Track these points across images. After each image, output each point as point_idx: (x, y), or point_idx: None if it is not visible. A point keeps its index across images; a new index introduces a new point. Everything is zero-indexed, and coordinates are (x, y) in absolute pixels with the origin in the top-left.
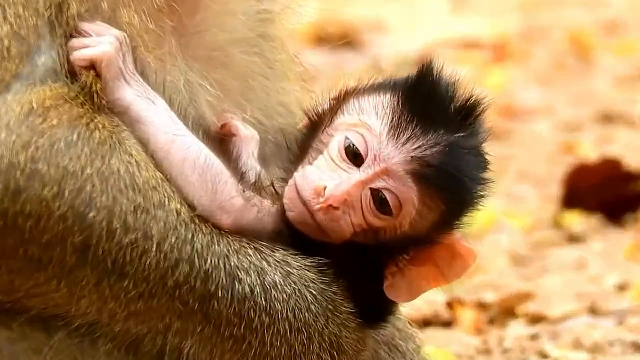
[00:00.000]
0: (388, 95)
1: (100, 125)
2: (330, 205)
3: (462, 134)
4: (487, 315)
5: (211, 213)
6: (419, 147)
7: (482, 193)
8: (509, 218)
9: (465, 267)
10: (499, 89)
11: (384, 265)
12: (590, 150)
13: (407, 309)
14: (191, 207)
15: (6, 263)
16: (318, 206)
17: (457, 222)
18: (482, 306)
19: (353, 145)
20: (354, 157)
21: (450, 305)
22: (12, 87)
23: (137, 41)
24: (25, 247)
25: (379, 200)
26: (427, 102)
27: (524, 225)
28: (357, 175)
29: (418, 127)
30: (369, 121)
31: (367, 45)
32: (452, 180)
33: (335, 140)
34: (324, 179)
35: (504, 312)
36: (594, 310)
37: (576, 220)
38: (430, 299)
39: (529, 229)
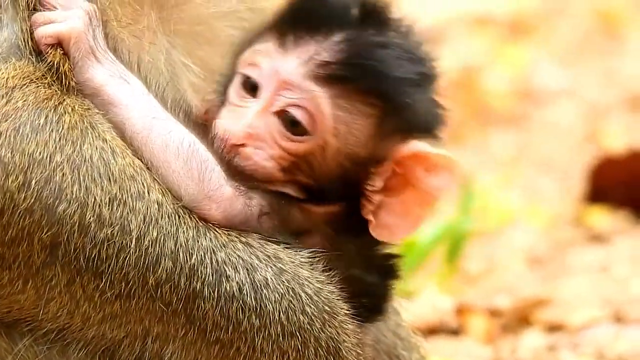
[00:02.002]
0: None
1: (69, 109)
2: (234, 144)
3: (369, 31)
4: (500, 323)
5: (199, 204)
6: (312, 46)
7: (421, 87)
8: (526, 214)
9: (450, 176)
10: (517, 69)
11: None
12: (617, 139)
13: (411, 316)
14: (176, 198)
15: None
16: (226, 150)
17: (406, 127)
18: (494, 313)
19: (247, 77)
20: (253, 89)
21: (458, 311)
22: None
23: (109, 15)
24: None
25: (288, 120)
26: (317, 4)
27: (542, 222)
28: (255, 104)
29: (308, 28)
30: (258, 46)
31: None
32: (362, 70)
33: (233, 85)
34: (226, 123)
35: (519, 319)
36: (619, 318)
37: (601, 217)
38: (437, 305)
39: (548, 226)
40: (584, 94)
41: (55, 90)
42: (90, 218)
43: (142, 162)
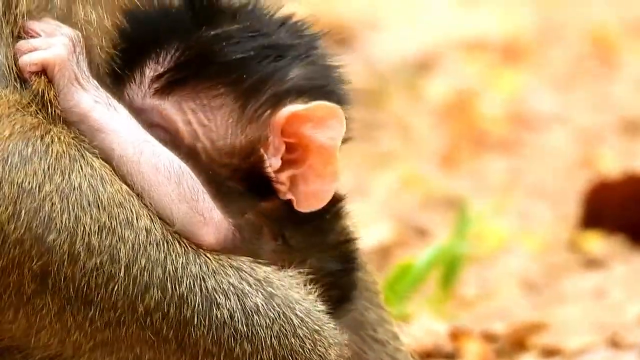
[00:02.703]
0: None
1: (56, 137)
2: None
3: (199, 31)
4: (495, 348)
5: (192, 227)
6: (145, 68)
7: (275, 57)
8: (520, 239)
9: (338, 122)
10: (510, 94)
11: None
12: (612, 164)
13: (405, 339)
14: (168, 223)
15: None
16: None
17: (272, 100)
18: (489, 337)
19: None
20: None
21: (453, 336)
22: None
23: (93, 41)
24: None
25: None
26: (136, 33)
27: (536, 247)
28: None
29: (138, 56)
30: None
31: (361, 44)
32: (192, 68)
33: None
34: None
35: (514, 344)
36: (614, 343)
37: (595, 242)
38: (431, 330)
39: (542, 251)
40: (578, 119)
41: (42, 119)
42: (79, 247)
43: (131, 187)
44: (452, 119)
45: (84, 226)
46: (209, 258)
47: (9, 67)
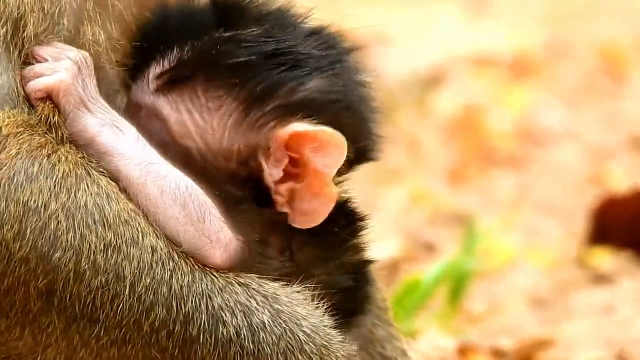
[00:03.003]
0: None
1: (63, 157)
2: None
3: (213, 33)
4: None
5: (200, 249)
6: (153, 65)
7: (290, 67)
8: (529, 255)
9: (339, 151)
10: (519, 110)
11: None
12: (620, 180)
13: (414, 356)
14: (175, 244)
15: None
16: None
17: (279, 111)
18: (497, 353)
19: None
20: None
21: (461, 351)
22: None
23: (102, 61)
24: None
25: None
26: (154, 30)
27: (545, 263)
28: None
29: (151, 52)
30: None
31: (370, 60)
32: (194, 68)
33: None
34: None
35: (522, 359)
36: (622, 359)
37: (604, 258)
38: (440, 345)
39: (550, 267)
40: (587, 135)
41: (49, 139)
42: (85, 265)
43: (139, 209)
44: (460, 135)
45: (90, 244)
46: (215, 276)
47: (17, 89)
